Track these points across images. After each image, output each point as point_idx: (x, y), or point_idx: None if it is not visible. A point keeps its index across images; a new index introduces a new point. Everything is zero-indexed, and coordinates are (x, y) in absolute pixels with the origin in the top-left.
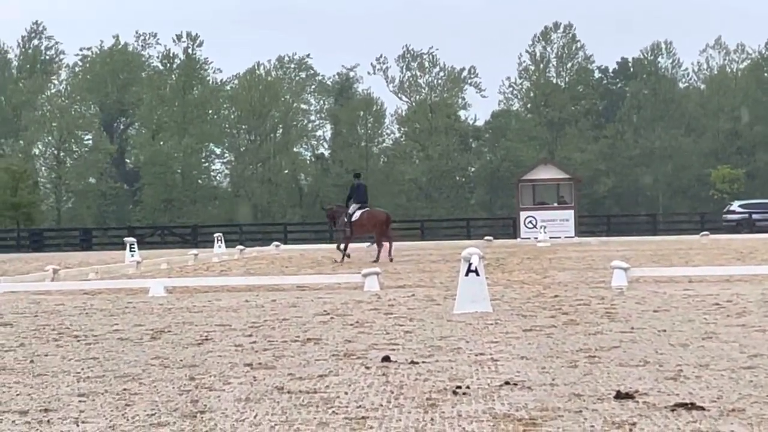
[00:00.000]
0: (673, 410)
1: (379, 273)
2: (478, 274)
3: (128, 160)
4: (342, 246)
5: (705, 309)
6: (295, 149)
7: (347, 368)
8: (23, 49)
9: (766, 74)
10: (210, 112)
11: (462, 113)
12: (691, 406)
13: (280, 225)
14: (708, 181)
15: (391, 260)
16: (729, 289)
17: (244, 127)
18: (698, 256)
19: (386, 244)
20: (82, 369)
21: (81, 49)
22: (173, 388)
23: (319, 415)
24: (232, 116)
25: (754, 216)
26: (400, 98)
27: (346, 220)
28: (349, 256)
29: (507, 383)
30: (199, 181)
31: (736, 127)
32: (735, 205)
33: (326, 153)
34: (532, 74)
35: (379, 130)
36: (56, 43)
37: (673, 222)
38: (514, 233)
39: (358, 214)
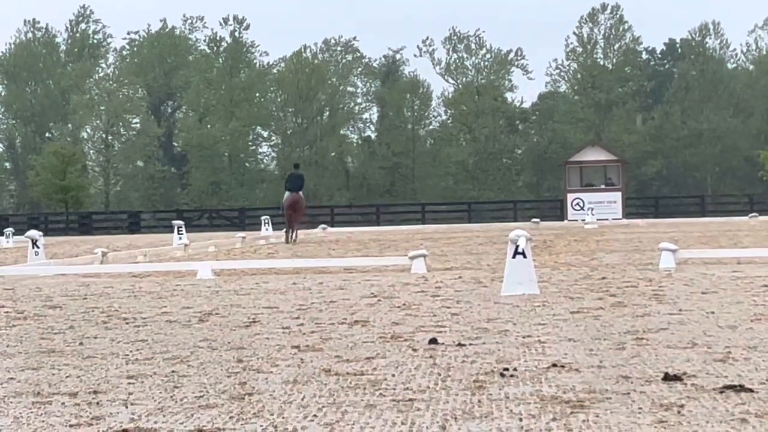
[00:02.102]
0: (721, 392)
1: (426, 255)
2: (525, 257)
3: (175, 144)
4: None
5: (754, 291)
6: (341, 132)
7: (394, 350)
8: (71, 33)
9: None
10: (257, 95)
11: (509, 95)
12: (739, 388)
13: (327, 207)
14: (757, 162)
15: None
16: None
17: (290, 110)
18: (747, 238)
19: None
20: (131, 351)
21: (128, 33)
22: (221, 370)
23: (366, 397)
24: (279, 99)
25: None
26: (447, 80)
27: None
28: (288, 241)
29: (554, 365)
30: (246, 164)
31: None
32: None
33: (373, 136)
34: (579, 56)
35: (425, 113)
36: (103, 26)
37: (721, 203)
38: (562, 215)
39: (284, 199)
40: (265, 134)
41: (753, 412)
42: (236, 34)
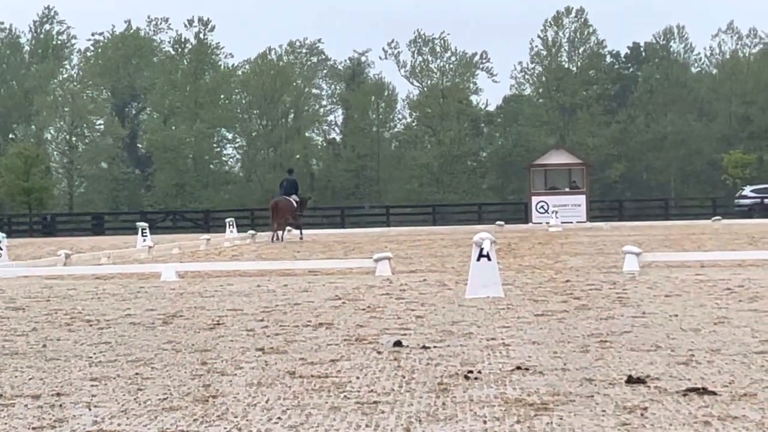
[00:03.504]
0: (684, 395)
1: (391, 258)
2: (489, 259)
3: (140, 145)
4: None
5: (717, 294)
6: (306, 134)
7: (359, 353)
8: (35, 34)
9: None
10: (222, 97)
11: (474, 98)
12: (702, 391)
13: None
14: (720, 166)
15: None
16: (741, 274)
17: (255, 112)
18: (710, 241)
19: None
20: (94, 353)
21: (93, 34)
22: (185, 372)
23: (330, 399)
24: (244, 101)
25: (767, 201)
26: (412, 83)
27: None
28: (273, 241)
29: (518, 368)
30: (211, 166)
31: (748, 111)
32: (747, 190)
33: (338, 138)
34: (544, 59)
35: (390, 115)
36: (68, 27)
37: (685, 207)
38: (526, 218)
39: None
40: (230, 136)
41: (716, 415)
42: (201, 35)
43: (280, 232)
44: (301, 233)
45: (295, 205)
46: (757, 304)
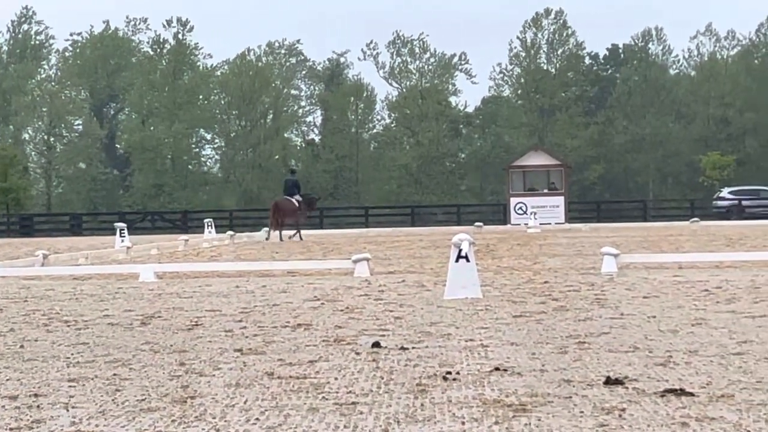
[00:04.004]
0: (662, 396)
1: (370, 258)
2: (468, 260)
3: (118, 146)
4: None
5: (694, 295)
6: (285, 135)
7: (337, 354)
8: (13, 35)
9: (756, 61)
10: (200, 97)
11: (452, 99)
12: (680, 392)
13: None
14: (698, 168)
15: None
16: (719, 276)
17: (234, 112)
18: (688, 243)
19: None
20: (72, 354)
21: (71, 35)
22: (163, 373)
23: (309, 400)
24: (223, 102)
25: (744, 202)
26: (391, 84)
27: None
28: (267, 239)
29: (497, 369)
30: (190, 166)
31: (726, 113)
32: (725, 192)
33: (316, 139)
34: (523, 60)
35: (369, 116)
36: (46, 28)
37: (663, 208)
38: (505, 219)
39: None
40: (209, 137)
41: (693, 416)
42: (180, 36)
43: (278, 232)
44: (300, 234)
45: (296, 205)
46: (734, 305)
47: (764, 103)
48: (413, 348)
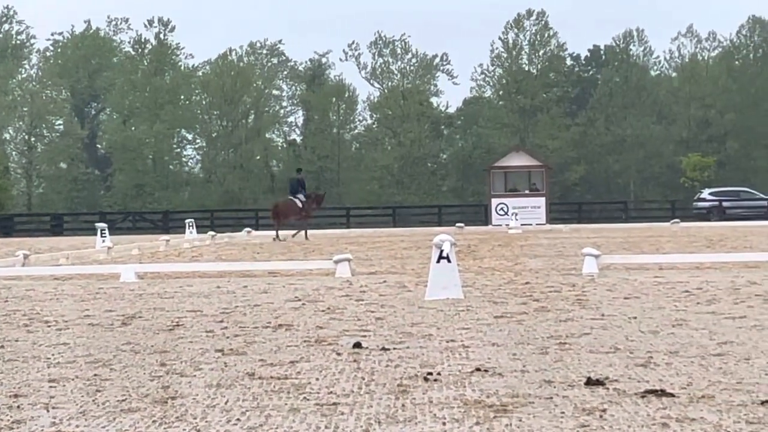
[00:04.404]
0: (643, 397)
1: (351, 259)
2: (449, 261)
3: (99, 146)
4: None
5: (675, 296)
6: (266, 135)
7: (318, 354)
8: None
9: (737, 62)
10: (182, 97)
11: (434, 100)
12: (660, 393)
13: (252, 211)
14: (679, 169)
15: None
16: (699, 277)
17: (215, 112)
18: (669, 244)
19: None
20: (53, 354)
21: (52, 34)
22: (144, 373)
23: (290, 401)
24: (204, 102)
25: (725, 204)
26: (372, 85)
27: None
28: (275, 239)
29: (478, 370)
30: (171, 166)
31: (707, 115)
32: (705, 193)
33: (298, 139)
34: (505, 61)
35: (351, 117)
36: (27, 27)
37: (643, 209)
38: (486, 220)
39: None
40: (190, 137)
41: (674, 417)
42: (161, 36)
43: (281, 232)
44: (306, 233)
45: (299, 204)
46: (714, 306)
47: (745, 105)
48: (394, 349)
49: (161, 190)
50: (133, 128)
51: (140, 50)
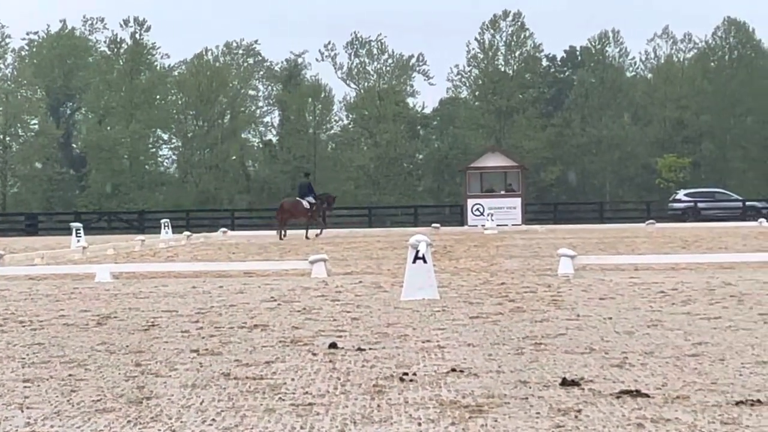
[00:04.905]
0: (618, 397)
1: (327, 259)
2: (425, 261)
3: (75, 145)
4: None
5: (650, 297)
6: (242, 135)
7: (294, 355)
8: None
9: (712, 64)
10: (157, 97)
11: (410, 100)
12: (636, 393)
13: (228, 211)
14: (654, 170)
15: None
16: (674, 277)
17: (191, 112)
18: (644, 245)
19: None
20: (27, 354)
21: (27, 34)
22: (119, 374)
23: (265, 401)
24: (180, 102)
25: (700, 205)
26: (349, 85)
27: None
28: (281, 238)
29: (453, 370)
30: (146, 166)
31: (682, 116)
32: (681, 194)
33: (274, 139)
34: (481, 62)
35: (327, 117)
36: (2, 27)
37: (619, 210)
38: (462, 221)
39: None
40: (166, 137)
41: (649, 417)
42: (137, 36)
43: (281, 231)
44: (312, 232)
45: (306, 205)
46: (689, 307)
47: (720, 106)
48: (370, 349)
49: (137, 189)
50: (108, 128)
51: (116, 50)
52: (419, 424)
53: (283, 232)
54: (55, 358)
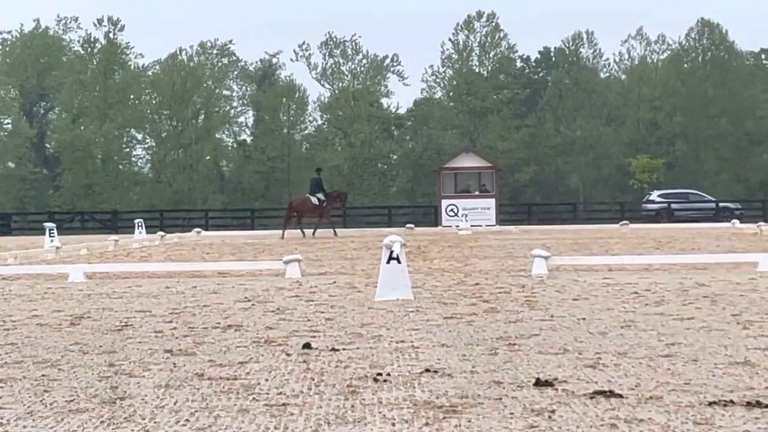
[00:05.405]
0: (591, 398)
1: (301, 260)
2: (399, 262)
3: (48, 145)
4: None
5: (624, 297)
6: (217, 135)
7: (268, 355)
8: None
9: (685, 65)
10: (131, 97)
11: (384, 101)
12: (609, 394)
13: (202, 211)
14: (628, 171)
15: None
16: (648, 278)
17: (165, 112)
18: (618, 245)
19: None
20: (0, 355)
21: (0, 33)
22: (92, 374)
23: (239, 401)
24: (154, 102)
25: (673, 205)
26: (323, 85)
27: None
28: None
29: (427, 370)
30: (120, 166)
31: (656, 117)
32: (654, 195)
33: (248, 139)
34: (455, 63)
35: (301, 117)
36: None
37: (593, 211)
38: (436, 221)
39: None
40: (140, 137)
41: (622, 418)
42: (111, 35)
43: (283, 230)
44: (334, 230)
45: (315, 202)
46: (663, 307)
47: (694, 107)
48: (344, 349)
49: (110, 189)
50: (82, 128)
51: (90, 49)
52: (393, 425)
53: (284, 231)
54: (28, 358)
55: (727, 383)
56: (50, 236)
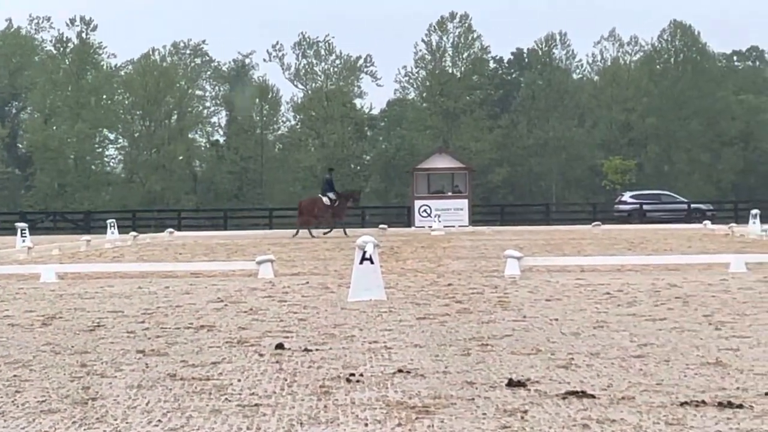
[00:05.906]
0: (564, 398)
1: (274, 260)
2: (372, 262)
3: (20, 145)
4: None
5: (596, 298)
6: (189, 136)
7: (240, 355)
8: None
9: (658, 67)
10: (104, 97)
11: (357, 101)
12: (581, 394)
13: (174, 211)
14: (600, 172)
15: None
16: (620, 279)
17: (138, 112)
18: (590, 246)
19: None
20: None
21: None
22: (64, 374)
23: (212, 402)
24: (127, 102)
25: (645, 206)
26: (296, 86)
27: None
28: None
29: (400, 371)
30: (93, 166)
31: (628, 118)
32: (626, 196)
33: (221, 140)
34: (428, 63)
35: (274, 118)
36: None
37: (565, 212)
38: (409, 222)
39: None
40: (112, 137)
41: (594, 418)
42: (83, 35)
43: (297, 230)
44: (344, 230)
45: (327, 202)
46: (635, 308)
47: (666, 109)
48: (317, 350)
49: (83, 190)
50: (54, 128)
51: (62, 49)
52: (366, 425)
53: (297, 231)
54: (0, 358)
55: (699, 384)
56: (22, 236)
